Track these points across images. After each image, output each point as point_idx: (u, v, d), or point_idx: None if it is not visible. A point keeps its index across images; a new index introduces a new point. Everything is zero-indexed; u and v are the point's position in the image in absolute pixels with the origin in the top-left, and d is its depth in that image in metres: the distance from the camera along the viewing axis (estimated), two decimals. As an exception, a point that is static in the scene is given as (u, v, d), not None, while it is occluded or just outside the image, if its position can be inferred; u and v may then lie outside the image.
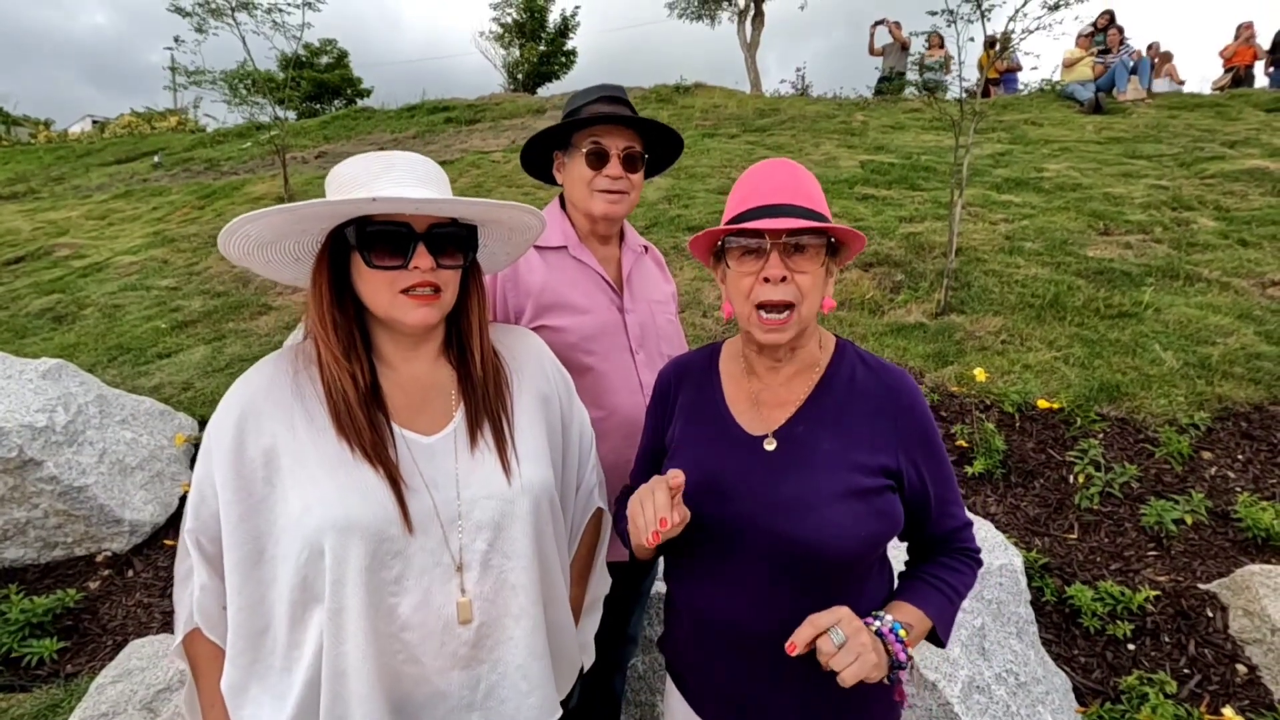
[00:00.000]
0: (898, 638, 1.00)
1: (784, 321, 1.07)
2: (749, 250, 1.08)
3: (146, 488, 3.22)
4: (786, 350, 1.16)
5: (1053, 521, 2.94)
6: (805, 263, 1.07)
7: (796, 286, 1.06)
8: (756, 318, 1.08)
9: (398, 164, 1.07)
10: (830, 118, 9.93)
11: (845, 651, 0.94)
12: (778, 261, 1.05)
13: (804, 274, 1.07)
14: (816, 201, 1.11)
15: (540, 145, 1.69)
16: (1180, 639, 2.40)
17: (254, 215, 0.98)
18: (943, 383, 3.79)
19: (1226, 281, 4.65)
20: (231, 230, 1.00)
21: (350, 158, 1.10)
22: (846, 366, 1.17)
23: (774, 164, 1.14)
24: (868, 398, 1.13)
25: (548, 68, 21.35)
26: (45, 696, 2.34)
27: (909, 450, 1.10)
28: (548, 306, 1.57)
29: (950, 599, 1.12)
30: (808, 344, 1.17)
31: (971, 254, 5.23)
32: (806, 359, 1.18)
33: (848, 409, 1.12)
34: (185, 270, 6.50)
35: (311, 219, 1.03)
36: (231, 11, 6.29)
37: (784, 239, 1.06)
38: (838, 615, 0.97)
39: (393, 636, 1.02)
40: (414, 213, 1.03)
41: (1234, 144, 7.57)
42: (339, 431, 1.04)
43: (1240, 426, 3.33)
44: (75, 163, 12.66)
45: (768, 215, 1.06)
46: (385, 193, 1.02)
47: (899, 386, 1.13)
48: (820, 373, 1.17)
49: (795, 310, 1.07)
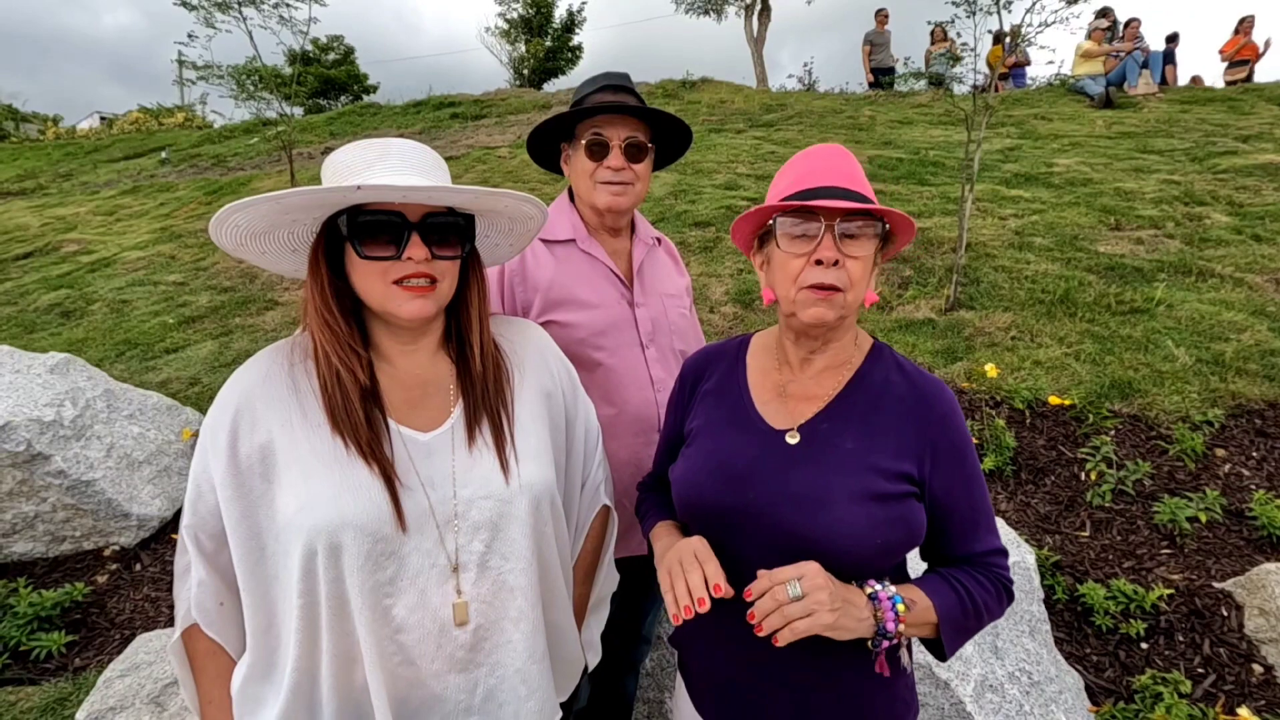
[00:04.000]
0: (893, 607, 0.97)
1: (831, 296, 1.04)
2: (801, 233, 1.06)
3: (154, 482, 3.22)
4: (824, 339, 1.13)
5: (1064, 519, 2.91)
6: (857, 248, 1.05)
7: (847, 272, 1.04)
8: (804, 294, 1.06)
9: (393, 151, 1.04)
10: (837, 113, 9.88)
11: (796, 605, 0.90)
12: (831, 244, 1.03)
13: (855, 259, 1.04)
14: (866, 189, 1.09)
15: (548, 138, 1.66)
16: (1194, 638, 2.38)
17: (241, 204, 0.95)
18: (952, 379, 3.75)
19: (1240, 277, 4.60)
20: (221, 219, 0.97)
21: (348, 144, 1.06)
22: (881, 368, 1.14)
23: (830, 148, 1.12)
24: (899, 402, 1.09)
25: (553, 63, 21.35)
26: (53, 690, 2.35)
27: (936, 461, 1.06)
28: (556, 302, 1.55)
29: (964, 605, 1.04)
30: (844, 337, 1.15)
31: (981, 249, 5.19)
32: (840, 354, 1.15)
33: (876, 411, 1.09)
34: (192, 266, 6.51)
35: (299, 208, 0.99)
36: (238, 6, 6.29)
37: (839, 222, 1.04)
38: (802, 570, 0.94)
39: (388, 639, 1.00)
40: (402, 201, 1.00)
41: (1247, 139, 7.49)
42: (334, 427, 1.01)
43: (1254, 424, 3.29)
44: (83, 159, 12.71)
45: (824, 197, 1.04)
46: (373, 180, 0.99)
47: (934, 394, 1.09)
48: (852, 371, 1.14)
49: (843, 294, 1.05)
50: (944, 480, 1.06)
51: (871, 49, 12.34)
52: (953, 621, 1.03)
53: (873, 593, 0.98)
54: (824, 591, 0.92)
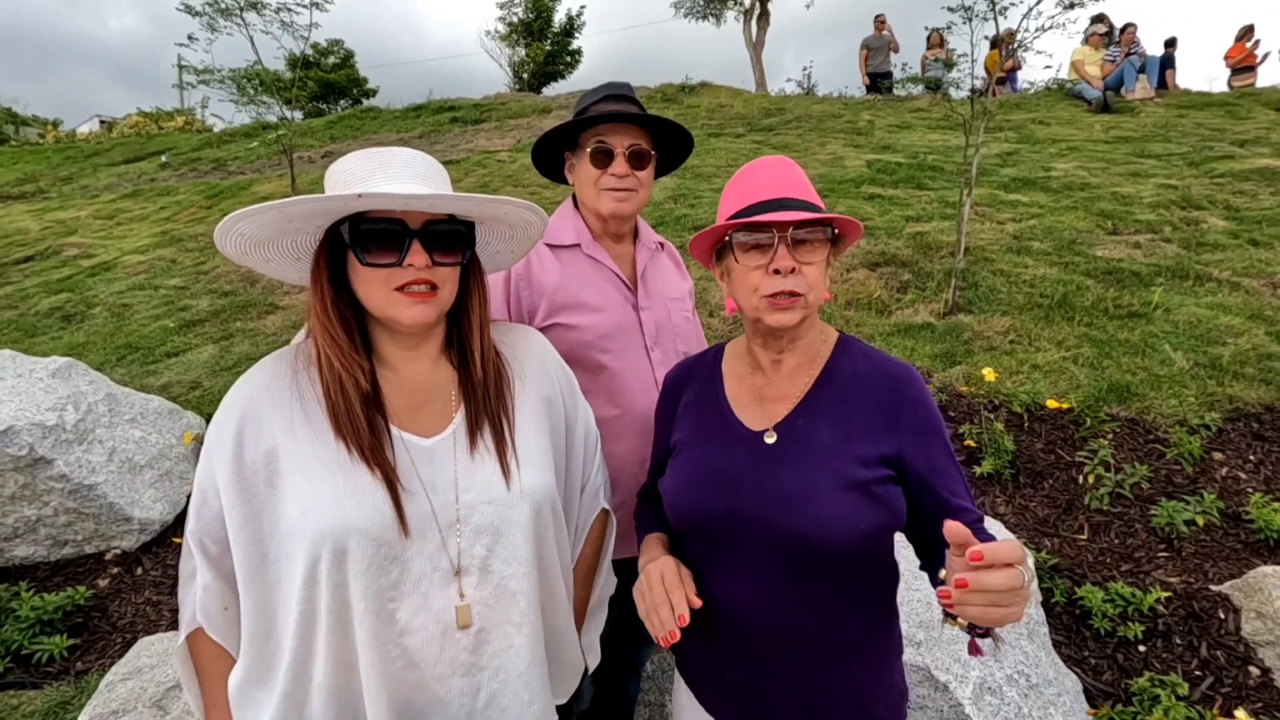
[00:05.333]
0: None
1: (792, 303, 1.10)
2: (756, 245, 1.12)
3: (155, 486, 3.23)
4: (789, 340, 1.17)
5: (1062, 522, 2.92)
6: (810, 254, 1.11)
7: (804, 277, 1.10)
8: (766, 303, 1.11)
9: (395, 161, 1.06)
10: (836, 117, 9.91)
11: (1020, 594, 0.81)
12: (786, 253, 1.09)
13: (810, 264, 1.11)
14: (812, 195, 1.15)
15: (552, 146, 1.69)
16: (1192, 641, 2.39)
17: (246, 212, 0.97)
18: (951, 383, 3.77)
19: (1237, 281, 4.62)
20: (226, 228, 0.98)
21: (350, 153, 1.08)
22: (849, 359, 1.18)
23: (770, 161, 1.18)
24: (870, 389, 1.13)
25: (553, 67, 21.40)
26: (55, 694, 2.35)
27: (911, 440, 1.09)
28: (562, 305, 1.57)
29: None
30: (809, 334, 1.19)
31: (979, 254, 5.21)
32: (808, 351, 1.19)
33: (849, 400, 1.13)
34: (193, 270, 6.52)
35: (301, 216, 1.01)
36: (240, 11, 6.32)
37: (790, 232, 1.09)
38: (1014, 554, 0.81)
39: (392, 643, 1.00)
40: (403, 209, 1.02)
41: (1244, 143, 7.52)
42: (337, 433, 1.02)
43: (1252, 427, 3.30)
44: (83, 163, 12.72)
45: (771, 210, 1.10)
46: (375, 189, 1.01)
47: (902, 376, 1.14)
48: (821, 365, 1.18)
49: (803, 298, 1.11)
50: (923, 459, 1.09)
51: (869, 54, 12.41)
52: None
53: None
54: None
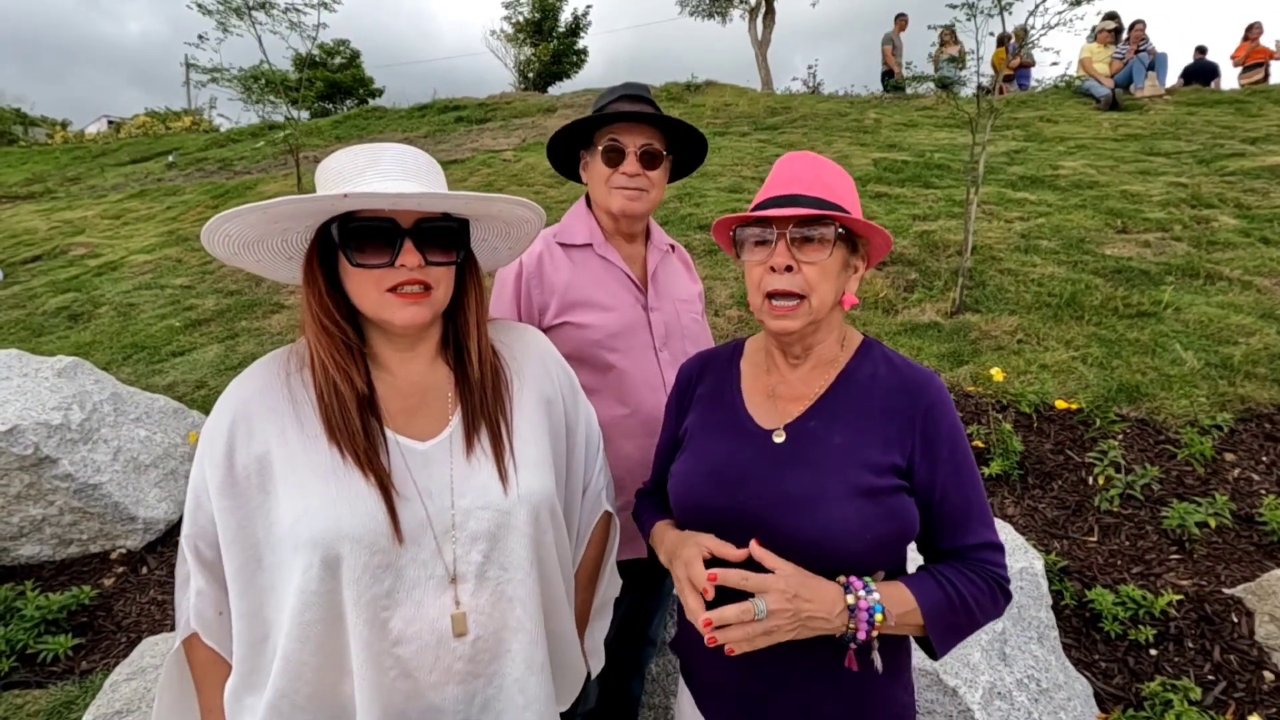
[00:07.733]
0: (870, 618, 0.96)
1: (793, 309, 1.08)
2: (759, 240, 1.10)
3: (160, 485, 3.23)
4: (800, 344, 1.14)
5: (1071, 524, 2.89)
6: (813, 253, 1.07)
7: (804, 277, 1.06)
8: (767, 306, 1.09)
9: (384, 157, 1.02)
10: (842, 115, 9.88)
11: (759, 625, 0.93)
12: (784, 250, 1.06)
13: (811, 264, 1.07)
14: (836, 193, 1.09)
15: (568, 145, 1.69)
16: (1204, 644, 2.35)
17: (229, 214, 0.94)
18: (958, 383, 3.74)
19: (1248, 280, 4.57)
20: (211, 230, 0.96)
21: (340, 150, 1.05)
22: (869, 364, 1.14)
23: (795, 156, 1.14)
24: (886, 394, 1.09)
25: (559, 67, 21.38)
26: (60, 693, 2.35)
27: (924, 451, 1.05)
28: (572, 303, 1.58)
29: (953, 604, 1.01)
30: (825, 339, 1.15)
31: (986, 252, 5.18)
32: (824, 355, 1.16)
33: (864, 405, 1.09)
34: (199, 269, 6.54)
35: (288, 217, 0.98)
36: (249, 10, 6.33)
37: (790, 228, 1.06)
38: (766, 585, 0.95)
39: (385, 652, 0.98)
40: (392, 208, 0.98)
41: (1255, 141, 7.45)
42: (330, 437, 1.00)
43: (1264, 428, 3.26)
44: (91, 163, 12.78)
45: (778, 205, 1.07)
46: (362, 188, 0.98)
47: (921, 384, 1.09)
48: (839, 369, 1.14)
49: (805, 301, 1.07)
50: (932, 470, 1.05)
51: (892, 49, 12.27)
52: (939, 621, 1.02)
53: (853, 604, 0.97)
54: (785, 614, 0.94)
